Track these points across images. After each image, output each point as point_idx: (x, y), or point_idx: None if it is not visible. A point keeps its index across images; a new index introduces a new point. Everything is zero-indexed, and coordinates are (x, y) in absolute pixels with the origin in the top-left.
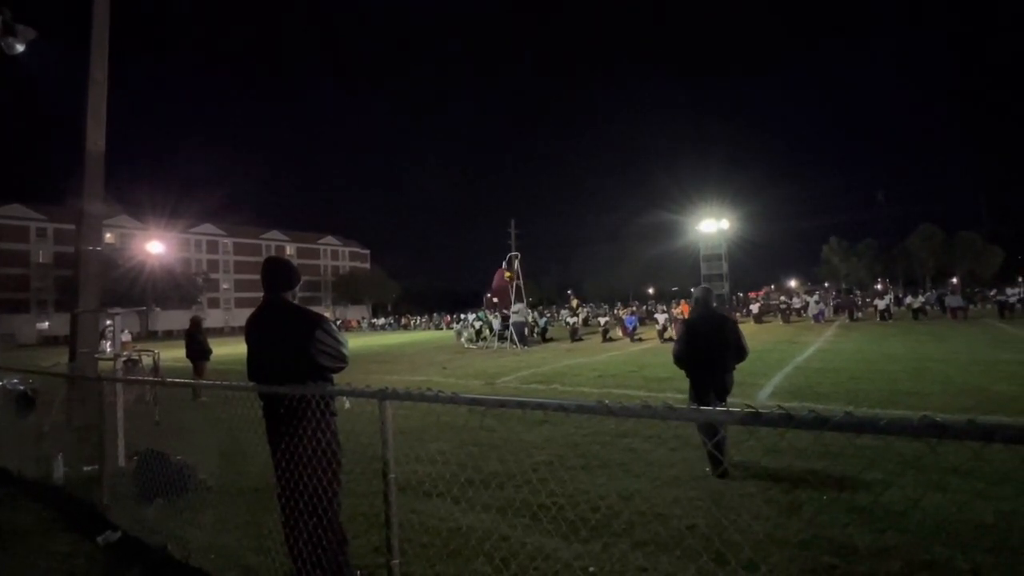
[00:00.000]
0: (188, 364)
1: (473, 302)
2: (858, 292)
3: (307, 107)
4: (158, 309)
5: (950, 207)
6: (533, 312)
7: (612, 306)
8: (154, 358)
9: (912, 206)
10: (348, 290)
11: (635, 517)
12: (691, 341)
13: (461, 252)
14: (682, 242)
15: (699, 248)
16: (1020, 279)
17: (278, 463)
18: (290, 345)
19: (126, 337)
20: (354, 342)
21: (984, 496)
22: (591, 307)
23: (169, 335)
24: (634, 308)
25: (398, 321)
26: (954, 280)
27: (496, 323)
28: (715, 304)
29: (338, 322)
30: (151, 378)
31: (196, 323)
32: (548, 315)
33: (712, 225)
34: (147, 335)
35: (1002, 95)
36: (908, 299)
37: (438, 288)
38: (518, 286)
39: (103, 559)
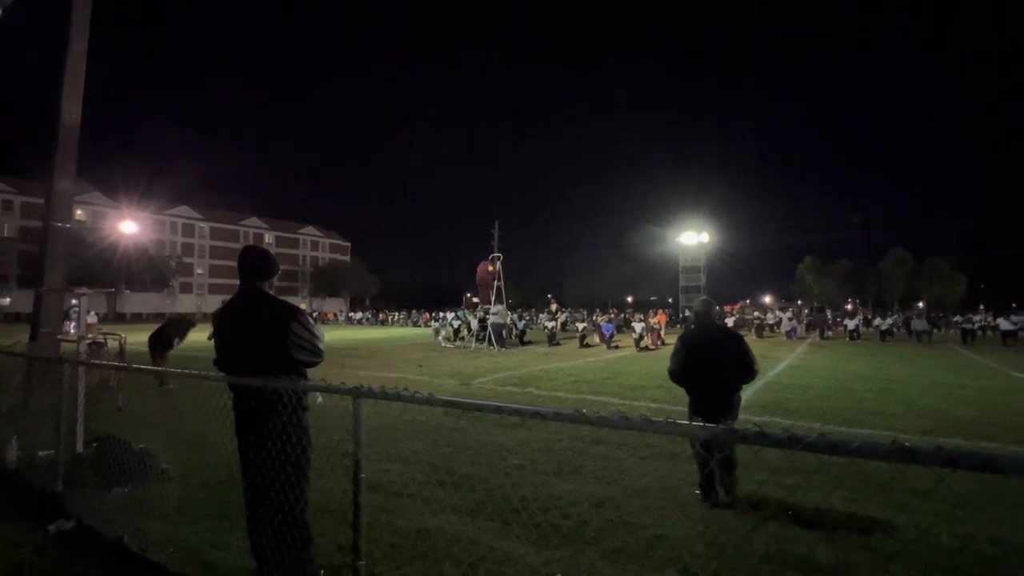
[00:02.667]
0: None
1: (453, 301)
2: (830, 311)
3: (294, 97)
4: (128, 291)
5: (921, 234)
6: (512, 314)
7: (591, 312)
8: (120, 342)
9: (886, 231)
10: (326, 282)
11: (605, 525)
12: (687, 357)
13: (443, 251)
14: (662, 253)
15: (678, 260)
16: (981, 307)
17: (245, 456)
18: (264, 337)
19: (92, 319)
20: (329, 335)
21: (944, 518)
22: (570, 312)
23: (138, 318)
24: (612, 315)
25: (376, 316)
26: (920, 304)
27: (475, 323)
28: (716, 318)
29: (314, 314)
30: (116, 363)
31: (180, 322)
32: (527, 318)
33: (692, 238)
34: (115, 317)
35: (975, 134)
36: (877, 321)
37: (418, 285)
38: (499, 287)
39: (54, 549)
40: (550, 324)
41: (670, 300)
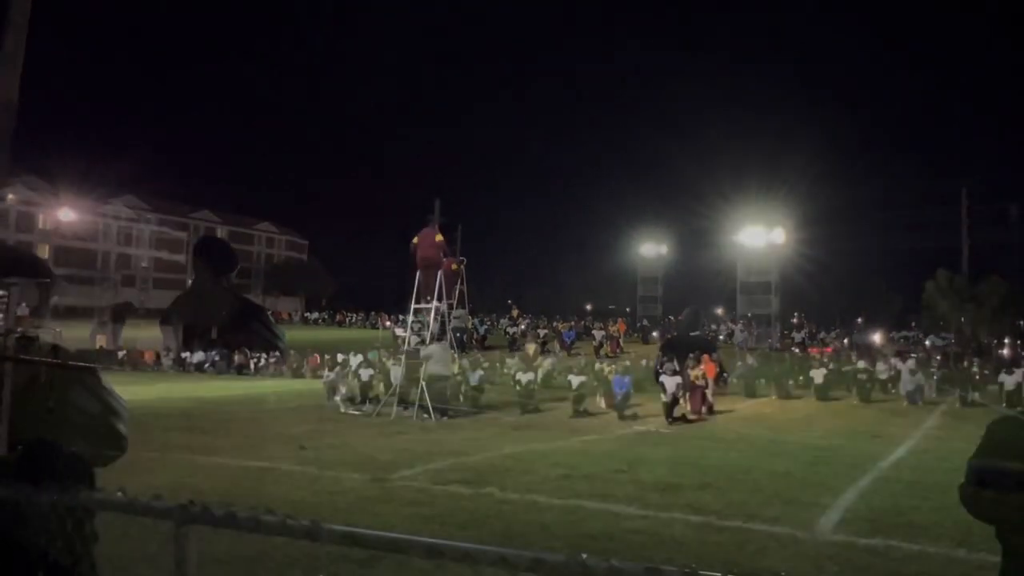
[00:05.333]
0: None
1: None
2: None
3: (255, 91)
4: (65, 283)
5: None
6: (473, 319)
7: (551, 319)
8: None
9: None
10: (281, 280)
11: None
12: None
13: (404, 253)
14: (621, 263)
15: (637, 270)
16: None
17: None
18: None
19: (23, 311)
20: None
21: None
22: (531, 318)
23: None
24: (572, 323)
25: (332, 317)
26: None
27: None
28: (696, 331)
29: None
30: (48, 359)
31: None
32: (488, 323)
33: (652, 250)
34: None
35: (905, 162)
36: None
37: (380, 287)
38: (461, 291)
39: None
40: (512, 330)
41: (628, 309)
